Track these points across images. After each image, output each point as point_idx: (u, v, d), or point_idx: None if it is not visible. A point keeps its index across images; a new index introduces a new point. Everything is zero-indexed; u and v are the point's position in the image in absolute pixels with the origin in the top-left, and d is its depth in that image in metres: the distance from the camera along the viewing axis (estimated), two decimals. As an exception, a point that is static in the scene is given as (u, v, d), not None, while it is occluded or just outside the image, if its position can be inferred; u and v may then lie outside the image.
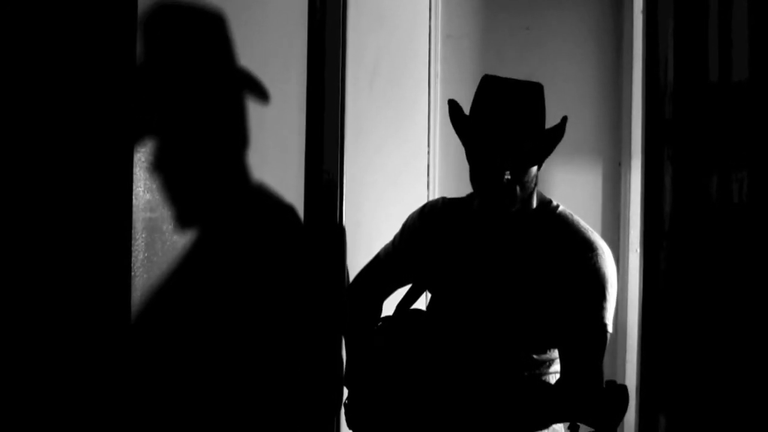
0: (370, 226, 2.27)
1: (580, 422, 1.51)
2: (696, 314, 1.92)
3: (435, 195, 2.86)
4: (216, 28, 1.60)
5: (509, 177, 1.59)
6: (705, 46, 1.92)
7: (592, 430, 1.51)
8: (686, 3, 2.03)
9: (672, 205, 2.04)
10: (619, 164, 2.83)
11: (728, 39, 1.84)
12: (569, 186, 2.77)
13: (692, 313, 1.93)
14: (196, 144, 1.53)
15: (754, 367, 1.73)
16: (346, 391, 1.88)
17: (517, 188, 1.63)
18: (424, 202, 2.76)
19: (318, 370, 2.03)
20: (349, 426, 1.85)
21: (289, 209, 1.91)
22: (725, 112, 1.84)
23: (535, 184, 1.69)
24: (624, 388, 1.48)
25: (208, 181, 1.57)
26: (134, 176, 1.34)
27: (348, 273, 2.09)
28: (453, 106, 1.70)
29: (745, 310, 1.76)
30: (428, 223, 1.85)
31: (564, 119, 1.63)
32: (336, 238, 2.05)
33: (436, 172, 2.90)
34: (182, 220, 1.48)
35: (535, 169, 1.65)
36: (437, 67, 2.91)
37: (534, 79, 1.67)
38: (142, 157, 1.36)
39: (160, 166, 1.40)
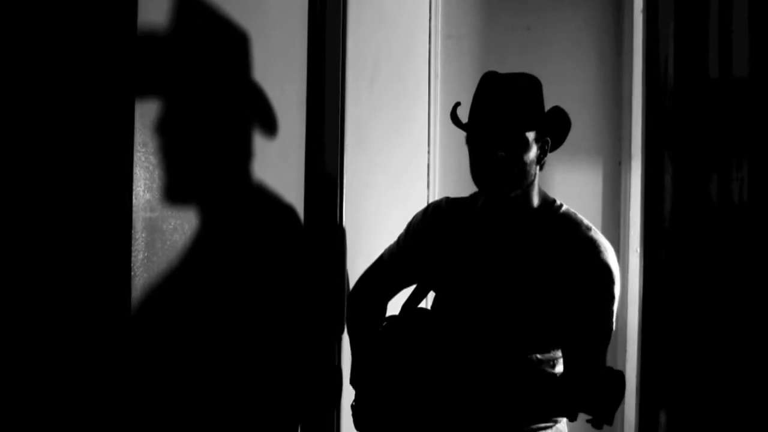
0: (371, 226, 2.27)
1: (578, 410, 1.51)
2: (696, 313, 1.92)
3: (435, 195, 2.86)
4: (217, 27, 1.60)
5: (503, 153, 1.61)
6: (705, 46, 1.92)
7: (589, 417, 1.51)
8: (687, 2, 2.02)
9: (672, 204, 2.04)
10: (620, 164, 2.83)
11: (728, 38, 1.84)
12: (570, 185, 2.78)
13: (692, 312, 1.93)
14: (197, 144, 1.53)
15: (754, 365, 1.73)
16: (353, 392, 1.88)
17: (514, 169, 1.64)
18: (424, 201, 2.77)
19: (317, 371, 2.03)
20: (357, 427, 1.84)
21: (290, 209, 1.91)
22: (726, 112, 1.84)
23: (536, 175, 1.70)
24: (620, 374, 1.48)
25: (208, 181, 1.57)
26: (134, 176, 1.34)
27: (348, 273, 2.09)
28: (454, 106, 1.74)
29: (745, 309, 1.76)
30: (432, 223, 1.85)
31: (555, 108, 1.66)
32: (336, 238, 2.05)
33: (436, 171, 2.91)
34: (182, 220, 1.48)
35: (532, 154, 1.66)
36: (437, 67, 2.91)
37: (534, 79, 1.69)
38: (142, 157, 1.36)
39: (160, 166, 1.40)
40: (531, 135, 1.65)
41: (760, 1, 1.75)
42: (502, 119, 1.63)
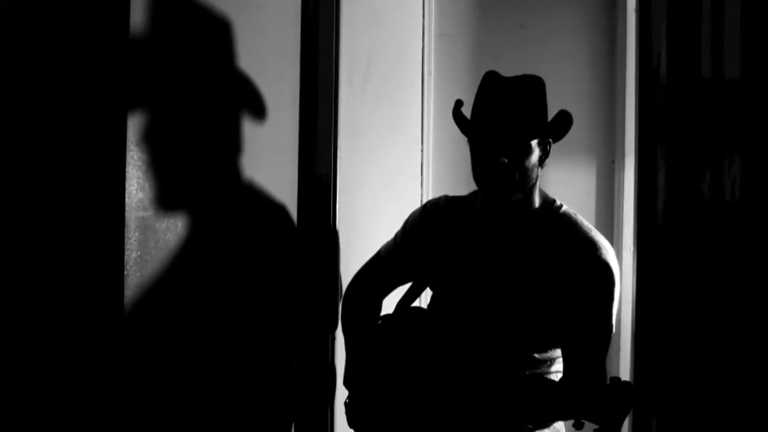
0: (364, 225, 2.27)
1: (585, 419, 1.50)
2: (690, 312, 1.92)
3: (429, 194, 2.86)
4: (210, 25, 1.59)
5: (506, 160, 1.61)
6: (698, 45, 1.92)
7: (597, 427, 1.51)
8: (679, 1, 2.03)
9: (665, 203, 2.04)
10: (613, 162, 2.83)
11: (721, 37, 1.84)
12: (563, 184, 2.78)
13: (686, 312, 1.93)
14: (190, 143, 1.53)
15: (748, 365, 1.73)
16: (346, 391, 1.88)
17: (516, 175, 1.64)
18: (418, 200, 2.77)
19: (310, 370, 2.03)
20: (350, 425, 1.84)
21: (283, 209, 1.91)
22: (718, 111, 1.84)
23: (537, 177, 1.70)
24: (628, 385, 1.47)
25: (201, 180, 1.57)
26: (127, 174, 1.33)
27: (341, 272, 2.09)
28: (456, 104, 1.73)
29: (738, 308, 1.76)
30: (431, 221, 1.85)
31: (562, 113, 1.65)
32: (330, 237, 2.05)
33: (429, 170, 2.90)
34: (175, 219, 1.48)
35: (534, 158, 1.65)
36: (431, 66, 2.91)
37: (529, 77, 1.68)
38: (135, 156, 1.35)
39: (153, 165, 1.40)
40: (534, 140, 1.65)
41: (753, 0, 1.76)
42: (506, 128, 1.62)
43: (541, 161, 1.68)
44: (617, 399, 1.47)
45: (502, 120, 1.62)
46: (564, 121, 1.67)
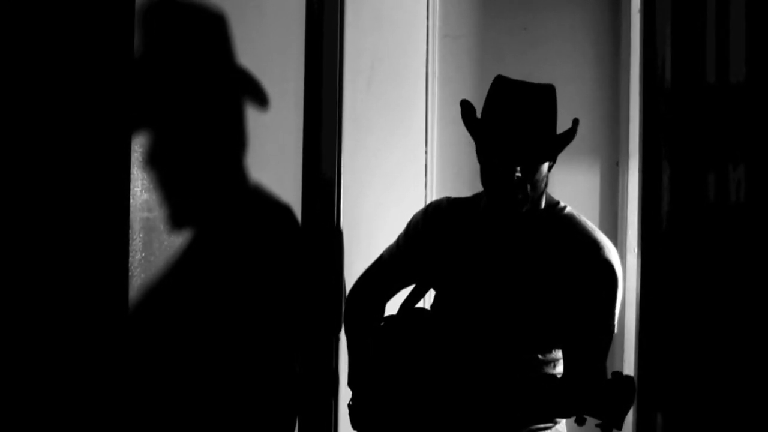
0: (368, 227, 2.27)
1: (587, 414, 1.50)
2: (694, 314, 1.92)
3: (433, 195, 2.86)
4: (214, 27, 1.60)
5: (520, 175, 1.60)
6: (703, 47, 1.92)
7: (599, 422, 1.51)
8: (684, 3, 2.03)
9: (670, 205, 2.04)
10: (617, 164, 2.83)
11: (726, 39, 1.84)
12: (567, 186, 2.77)
13: (690, 313, 1.93)
14: (194, 144, 1.53)
15: (752, 366, 1.73)
16: (350, 392, 1.88)
17: (528, 187, 1.63)
18: (422, 202, 2.77)
19: (313, 372, 2.03)
20: (354, 427, 1.84)
21: (287, 210, 1.91)
22: (722, 112, 1.84)
23: (546, 185, 1.70)
24: (630, 379, 1.47)
25: (205, 181, 1.57)
26: (131, 176, 1.34)
27: (345, 274, 2.09)
28: (466, 107, 1.70)
29: (742, 310, 1.76)
30: (433, 223, 1.85)
31: (575, 122, 1.65)
32: (333, 239, 2.05)
33: (433, 172, 2.90)
34: (180, 220, 1.48)
35: (545, 169, 1.66)
36: (435, 67, 2.91)
37: (532, 79, 1.68)
38: (139, 157, 1.36)
39: (157, 166, 1.40)
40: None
41: (757, 2, 1.75)
42: (523, 147, 1.61)
43: (550, 168, 1.69)
44: (619, 393, 1.47)
45: (520, 138, 1.61)
46: (574, 132, 1.66)
